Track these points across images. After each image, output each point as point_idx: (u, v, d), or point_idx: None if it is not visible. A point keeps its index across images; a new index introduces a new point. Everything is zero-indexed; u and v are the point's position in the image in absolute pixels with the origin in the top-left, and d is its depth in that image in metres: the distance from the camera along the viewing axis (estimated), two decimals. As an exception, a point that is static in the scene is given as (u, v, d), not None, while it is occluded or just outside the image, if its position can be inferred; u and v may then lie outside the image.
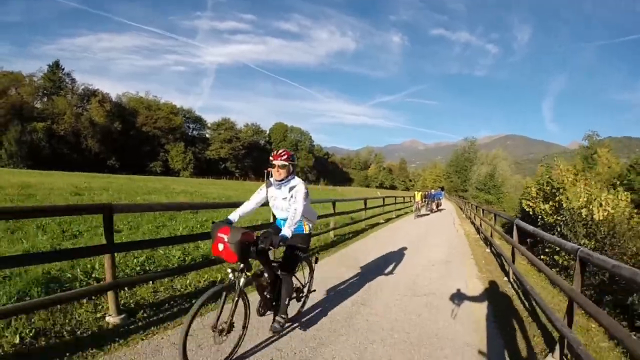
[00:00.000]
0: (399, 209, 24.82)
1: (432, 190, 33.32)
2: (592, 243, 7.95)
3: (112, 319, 3.86)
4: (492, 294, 6.17)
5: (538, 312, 5.14)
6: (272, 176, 3.73)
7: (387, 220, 19.01)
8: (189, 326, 2.85)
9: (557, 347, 3.73)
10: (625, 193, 11.01)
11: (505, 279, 7.39)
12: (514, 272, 6.86)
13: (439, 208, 30.53)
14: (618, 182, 38.11)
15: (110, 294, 3.94)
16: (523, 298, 6.00)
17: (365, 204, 15.62)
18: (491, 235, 10.97)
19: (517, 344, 4.18)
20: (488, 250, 10.96)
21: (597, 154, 50.01)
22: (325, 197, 18.99)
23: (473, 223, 18.96)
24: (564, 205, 10.97)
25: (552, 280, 5.43)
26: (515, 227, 7.12)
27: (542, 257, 9.03)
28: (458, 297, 5.74)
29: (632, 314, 6.28)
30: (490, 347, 4.01)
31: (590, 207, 9.25)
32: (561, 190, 12.60)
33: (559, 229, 10.28)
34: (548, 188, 14.08)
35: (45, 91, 76.02)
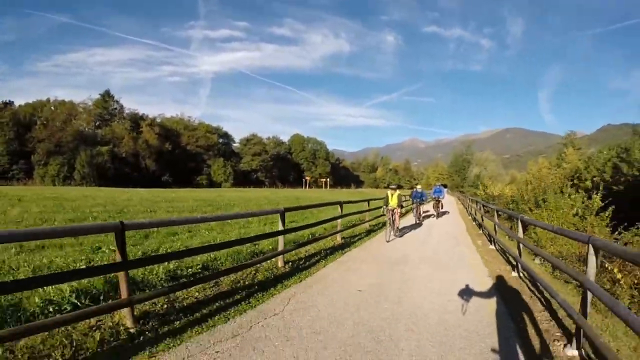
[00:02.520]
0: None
1: (419, 187, 20.36)
2: (492, 202, 21.31)
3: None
4: (465, 220, 19.13)
5: (485, 232, 18.02)
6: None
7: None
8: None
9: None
10: (509, 185, 26.20)
11: (473, 222, 20.36)
12: (475, 219, 19.76)
13: (441, 210, 22.64)
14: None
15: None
16: (478, 224, 18.82)
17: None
18: (474, 211, 24.09)
19: (471, 228, 17.05)
20: (468, 214, 24.17)
21: (566, 152, 62.27)
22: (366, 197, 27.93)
23: (464, 205, 32.42)
24: (486, 191, 25.29)
25: (487, 217, 17.74)
26: (482, 205, 19.52)
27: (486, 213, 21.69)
28: (455, 222, 18.66)
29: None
30: (464, 220, 16.90)
31: (492, 191, 23.21)
32: (485, 185, 27.31)
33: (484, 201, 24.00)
34: (484, 185, 29.18)
35: (99, 118, 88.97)
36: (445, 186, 33.06)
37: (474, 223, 19.39)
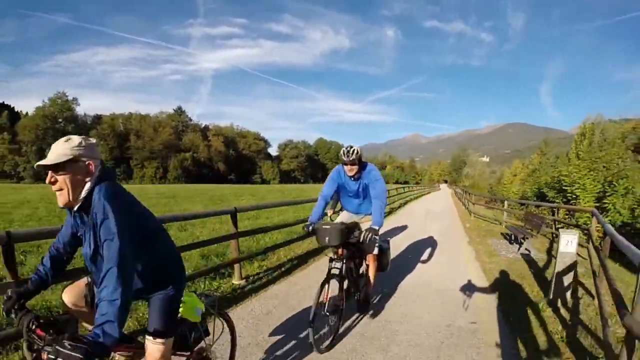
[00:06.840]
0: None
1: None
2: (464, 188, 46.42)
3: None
4: (451, 194, 44.85)
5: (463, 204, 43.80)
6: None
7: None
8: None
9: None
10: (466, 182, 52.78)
11: (456, 198, 46.18)
12: (457, 196, 45.55)
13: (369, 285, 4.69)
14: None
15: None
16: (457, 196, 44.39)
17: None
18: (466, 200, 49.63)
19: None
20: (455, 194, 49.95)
21: (532, 157, 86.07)
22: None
23: (455, 192, 57.71)
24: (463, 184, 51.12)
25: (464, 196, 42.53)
26: (467, 191, 44.58)
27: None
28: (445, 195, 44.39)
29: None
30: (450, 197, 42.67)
31: (464, 184, 48.85)
32: (462, 181, 53.38)
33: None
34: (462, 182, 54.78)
35: (175, 129, 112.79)
36: (446, 181, 44.60)
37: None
